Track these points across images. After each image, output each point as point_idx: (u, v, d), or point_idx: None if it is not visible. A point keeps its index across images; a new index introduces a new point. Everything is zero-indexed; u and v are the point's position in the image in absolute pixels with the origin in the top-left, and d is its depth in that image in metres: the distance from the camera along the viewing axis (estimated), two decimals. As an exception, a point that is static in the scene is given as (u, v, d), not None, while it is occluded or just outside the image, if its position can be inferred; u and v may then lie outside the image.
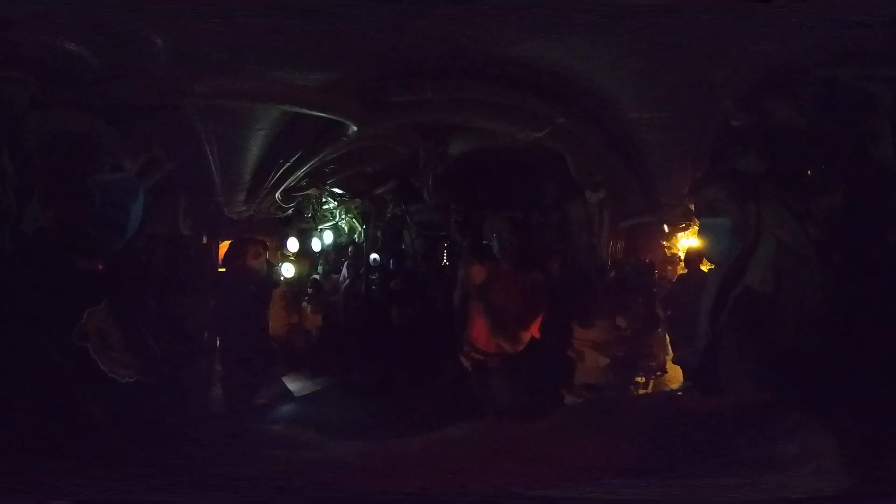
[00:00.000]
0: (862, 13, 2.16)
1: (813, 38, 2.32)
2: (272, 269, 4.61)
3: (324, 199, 5.57)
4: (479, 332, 3.23)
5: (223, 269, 4.02)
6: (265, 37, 2.47)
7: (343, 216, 5.97)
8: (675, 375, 3.96)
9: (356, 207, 5.84)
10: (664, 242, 4.24)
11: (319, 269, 5.60)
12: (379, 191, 5.37)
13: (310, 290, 5.33)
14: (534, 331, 3.14)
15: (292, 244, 5.04)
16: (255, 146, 3.50)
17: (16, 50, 2.30)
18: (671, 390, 3.76)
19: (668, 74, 2.79)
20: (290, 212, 4.57)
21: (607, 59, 2.79)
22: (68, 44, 2.34)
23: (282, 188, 3.97)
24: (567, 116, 3.51)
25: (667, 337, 4.06)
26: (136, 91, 2.71)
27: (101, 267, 2.41)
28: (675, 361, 3.94)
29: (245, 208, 3.89)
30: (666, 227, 4.05)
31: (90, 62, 2.48)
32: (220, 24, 2.29)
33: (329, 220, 5.82)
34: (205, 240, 3.98)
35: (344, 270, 5.72)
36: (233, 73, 2.80)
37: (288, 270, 4.89)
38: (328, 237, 5.73)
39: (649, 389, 3.99)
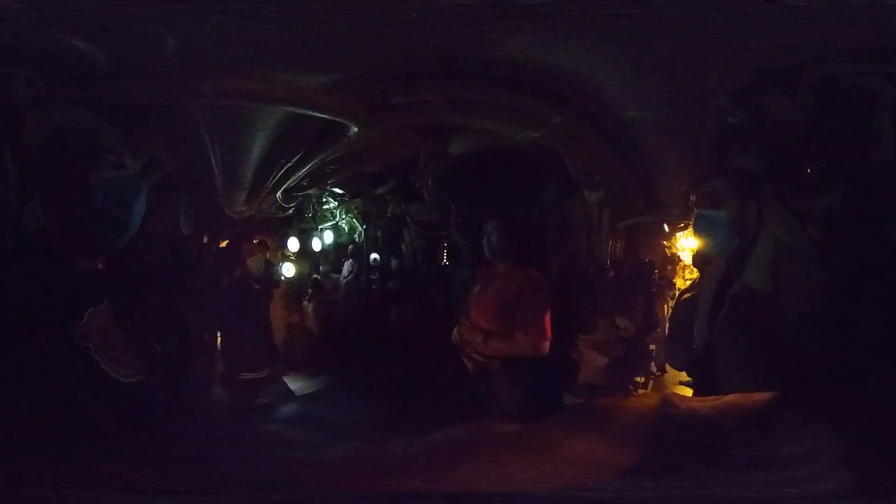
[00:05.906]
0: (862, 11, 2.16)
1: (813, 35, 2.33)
2: (273, 268, 4.62)
3: (324, 199, 5.58)
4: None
5: (224, 269, 4.03)
6: (268, 38, 2.48)
7: (343, 216, 5.97)
8: (674, 375, 3.97)
9: (356, 207, 5.85)
10: (664, 242, 4.24)
11: (320, 268, 5.61)
12: (379, 191, 5.37)
13: (310, 290, 5.35)
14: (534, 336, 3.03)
15: (293, 244, 5.05)
16: (257, 146, 3.50)
17: (19, 46, 2.30)
18: (671, 390, 3.76)
19: (666, 72, 2.79)
20: (290, 212, 4.57)
21: (605, 57, 2.79)
22: (73, 41, 2.33)
23: (283, 188, 3.97)
24: (564, 116, 3.51)
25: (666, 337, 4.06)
26: (139, 90, 2.71)
27: (102, 266, 2.42)
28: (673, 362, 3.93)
29: (246, 208, 3.89)
30: (666, 227, 4.04)
31: (94, 60, 2.48)
32: (223, 24, 2.29)
33: (329, 220, 5.83)
34: (206, 239, 3.99)
35: (344, 270, 5.73)
36: (236, 73, 2.80)
37: (288, 270, 4.90)
38: (328, 237, 5.74)
39: (648, 389, 4.00)
